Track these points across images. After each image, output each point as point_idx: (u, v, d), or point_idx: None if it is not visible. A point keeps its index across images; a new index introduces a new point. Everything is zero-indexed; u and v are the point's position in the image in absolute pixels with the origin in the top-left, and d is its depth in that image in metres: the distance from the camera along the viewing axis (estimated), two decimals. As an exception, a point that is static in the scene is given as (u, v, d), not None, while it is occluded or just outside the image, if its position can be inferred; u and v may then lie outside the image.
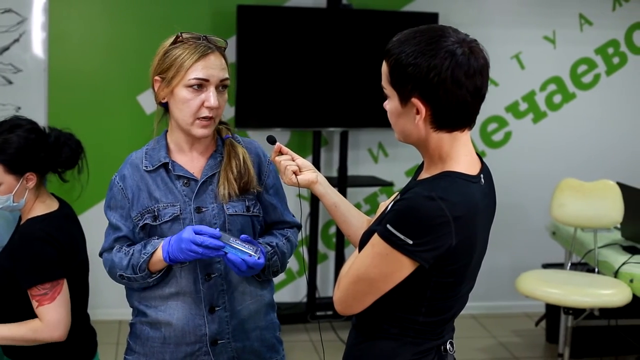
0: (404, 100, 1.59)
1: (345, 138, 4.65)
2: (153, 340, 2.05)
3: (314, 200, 4.61)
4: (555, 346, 4.42)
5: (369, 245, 1.60)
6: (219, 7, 4.52)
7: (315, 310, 4.65)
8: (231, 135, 2.09)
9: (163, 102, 2.01)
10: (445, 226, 1.52)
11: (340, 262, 4.70)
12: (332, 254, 4.87)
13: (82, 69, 4.53)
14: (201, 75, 1.93)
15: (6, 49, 4.39)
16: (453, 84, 1.54)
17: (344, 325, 4.44)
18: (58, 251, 2.21)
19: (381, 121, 1.95)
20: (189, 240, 1.86)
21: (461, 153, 1.63)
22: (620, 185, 4.08)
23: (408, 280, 1.58)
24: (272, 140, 1.98)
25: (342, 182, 4.59)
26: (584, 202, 4.12)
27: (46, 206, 2.30)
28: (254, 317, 2.08)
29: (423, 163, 1.72)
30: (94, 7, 4.53)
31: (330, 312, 4.59)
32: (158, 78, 1.99)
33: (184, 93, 1.94)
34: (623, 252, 3.99)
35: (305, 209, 4.64)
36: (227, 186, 2.00)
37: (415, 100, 1.57)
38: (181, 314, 2.01)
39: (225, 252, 1.88)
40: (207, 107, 1.94)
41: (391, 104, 1.64)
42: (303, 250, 4.52)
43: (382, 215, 1.68)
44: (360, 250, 1.65)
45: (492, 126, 5.00)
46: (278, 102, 4.46)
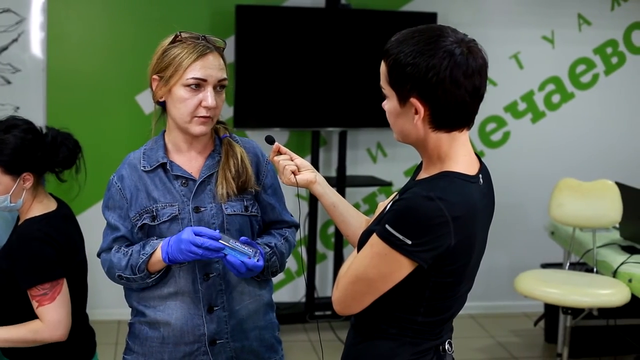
0: (403, 100, 1.59)
1: (344, 138, 4.65)
2: (152, 340, 2.04)
3: (313, 200, 4.61)
4: (554, 346, 4.42)
5: (368, 245, 1.60)
6: (218, 7, 4.51)
7: (314, 310, 4.65)
8: (229, 134, 2.08)
9: (161, 101, 2.01)
10: (444, 226, 1.52)
11: (339, 262, 4.70)
12: (331, 254, 4.87)
13: (81, 69, 4.52)
14: (199, 75, 1.93)
15: (5, 49, 4.39)
16: (452, 84, 1.54)
17: (343, 325, 4.44)
18: (57, 251, 2.21)
19: (380, 121, 1.95)
20: (189, 241, 1.86)
21: (460, 153, 1.63)
22: (618, 185, 4.07)
23: (407, 280, 1.58)
24: (271, 140, 1.98)
25: (341, 182, 4.59)
26: (583, 202, 4.11)
27: (44, 206, 2.29)
28: (253, 317, 2.08)
29: (422, 163, 1.72)
30: (93, 7, 4.53)
31: (329, 312, 4.59)
32: (156, 77, 1.99)
33: (182, 92, 1.94)
34: (622, 252, 3.98)
35: (303, 209, 4.64)
36: (226, 185, 2.00)
37: (413, 100, 1.57)
38: (180, 314, 2.01)
39: (224, 254, 1.88)
40: (205, 107, 1.94)
41: (390, 104, 1.63)
42: (302, 250, 4.52)
43: (381, 215, 1.68)
44: (359, 250, 1.65)
45: (491, 126, 4.99)
46: (277, 102, 4.46)
